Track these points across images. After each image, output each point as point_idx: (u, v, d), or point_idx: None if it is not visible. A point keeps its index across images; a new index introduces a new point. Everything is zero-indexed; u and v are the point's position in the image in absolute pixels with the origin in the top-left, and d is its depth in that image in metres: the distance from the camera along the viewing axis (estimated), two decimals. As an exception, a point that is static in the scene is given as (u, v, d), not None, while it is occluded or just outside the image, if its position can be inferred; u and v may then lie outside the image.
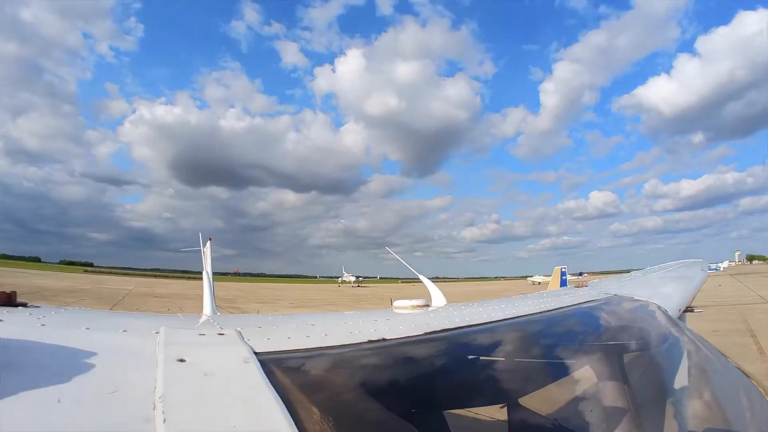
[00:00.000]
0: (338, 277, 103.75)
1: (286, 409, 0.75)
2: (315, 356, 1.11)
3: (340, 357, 1.16)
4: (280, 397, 0.79)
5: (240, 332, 1.11)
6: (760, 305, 20.74)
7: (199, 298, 9.25)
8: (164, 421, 0.65)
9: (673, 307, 2.89)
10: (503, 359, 1.63)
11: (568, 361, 1.89)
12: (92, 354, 0.83)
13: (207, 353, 0.95)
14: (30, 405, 0.63)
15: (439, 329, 1.47)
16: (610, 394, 1.76)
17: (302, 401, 0.90)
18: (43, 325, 0.97)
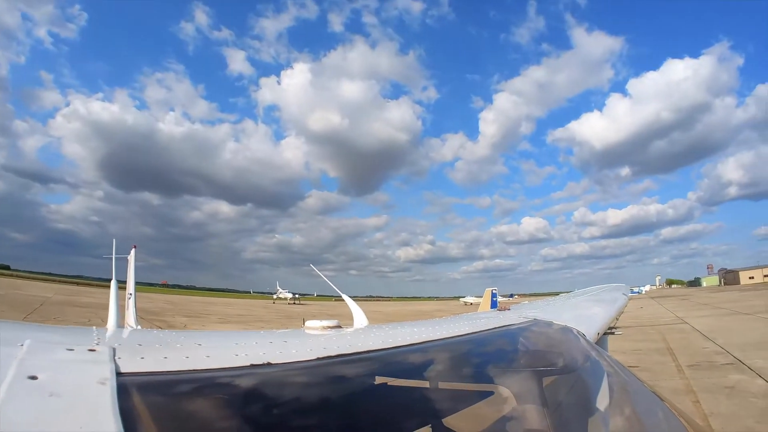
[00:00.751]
0: (273, 293, 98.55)
1: None
2: (184, 381, 1.00)
3: (214, 382, 1.05)
4: (127, 424, 0.74)
5: (114, 349, 1.01)
6: (678, 325, 22.23)
7: (122, 309, 8.79)
8: None
9: (593, 330, 2.98)
10: (407, 385, 1.51)
11: (483, 385, 1.82)
12: None
13: (64, 372, 0.86)
14: None
15: (334, 354, 1.36)
16: (530, 417, 1.73)
17: (152, 430, 0.83)
18: None
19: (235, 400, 1.06)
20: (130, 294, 9.94)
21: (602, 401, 1.78)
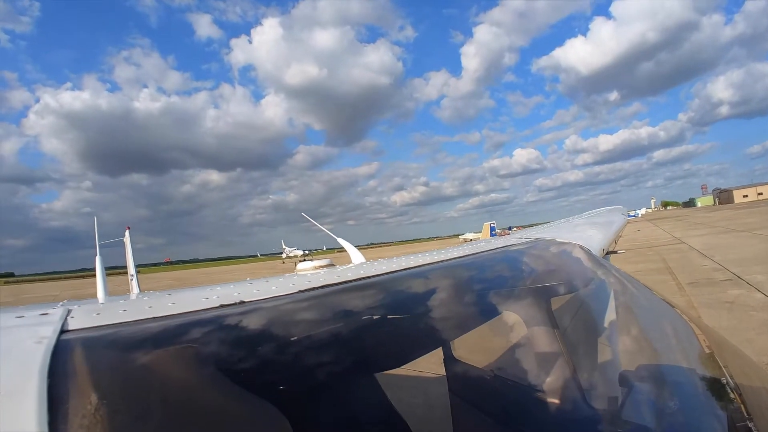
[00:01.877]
0: (280, 253, 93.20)
1: (46, 404, 0.60)
2: (140, 330, 0.89)
3: (175, 327, 0.94)
4: (58, 382, 0.65)
5: (69, 310, 0.91)
6: (676, 245, 22.52)
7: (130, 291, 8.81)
8: None
9: (597, 247, 2.93)
10: (404, 313, 1.38)
11: (493, 305, 1.73)
12: None
13: (4, 335, 0.78)
14: None
15: (319, 285, 1.24)
16: (542, 336, 1.71)
17: (95, 387, 0.72)
18: None
19: (202, 342, 0.94)
20: (132, 275, 9.86)
21: (617, 317, 1.71)
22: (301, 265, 1.84)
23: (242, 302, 1.07)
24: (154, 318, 0.93)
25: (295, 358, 0.99)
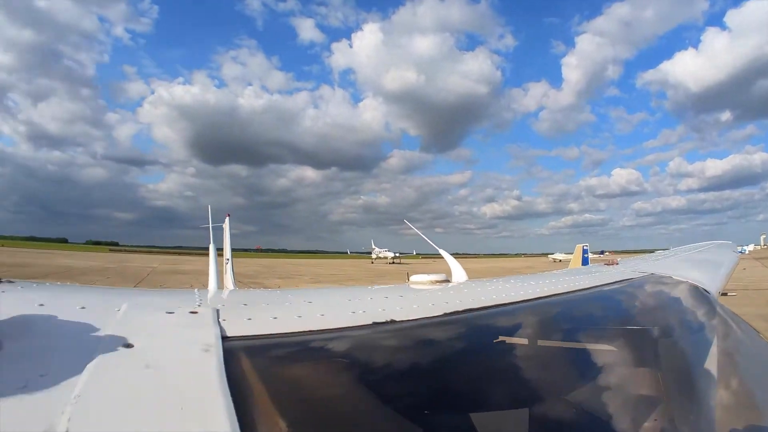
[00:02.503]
0: (370, 253, 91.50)
1: (236, 421, 0.55)
2: (303, 342, 0.90)
3: (335, 343, 0.94)
4: (239, 399, 0.60)
5: (217, 311, 0.90)
6: (789, 290, 20.08)
7: (220, 274, 9.42)
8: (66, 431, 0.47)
9: (711, 288, 2.63)
10: (535, 343, 1.39)
11: (608, 346, 1.66)
12: (27, 335, 0.69)
13: (162, 338, 0.76)
14: None
15: (461, 309, 1.25)
16: (649, 380, 1.56)
17: (273, 402, 0.69)
18: None
19: (362, 359, 0.95)
20: (228, 259, 10.51)
21: (735, 366, 1.61)
22: (414, 277, 1.81)
23: (393, 321, 1.07)
24: (309, 332, 0.93)
25: (448, 384, 0.99)
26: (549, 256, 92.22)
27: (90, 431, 0.46)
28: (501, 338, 1.31)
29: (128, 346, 0.67)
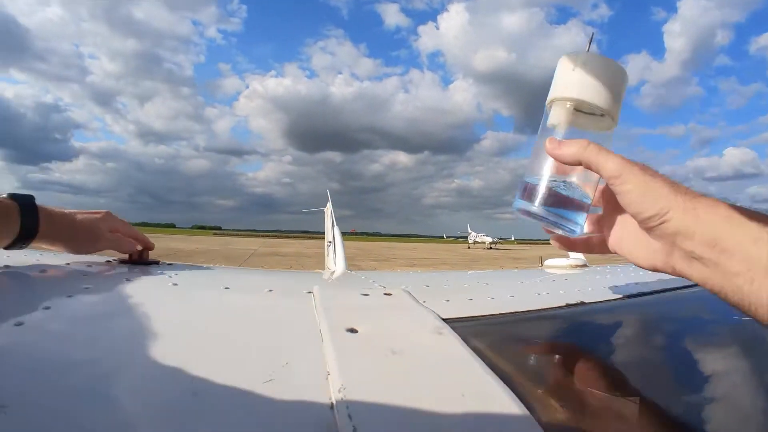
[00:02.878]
0: (466, 237, 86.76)
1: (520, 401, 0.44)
2: (514, 322, 0.84)
3: (541, 323, 0.89)
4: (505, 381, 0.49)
5: (409, 292, 0.83)
6: None
7: (320, 256, 9.02)
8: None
9: None
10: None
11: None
12: (238, 316, 0.68)
13: (383, 322, 0.65)
14: (177, 371, 0.45)
15: (648, 291, 1.15)
16: None
17: (518, 379, 0.57)
18: (175, 284, 0.79)
19: (571, 340, 0.88)
20: (330, 242, 10.32)
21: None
22: (550, 261, 1.76)
23: (582, 303, 1.01)
24: (514, 313, 0.86)
25: (638, 357, 0.83)
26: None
27: (367, 421, 0.40)
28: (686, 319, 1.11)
29: (351, 330, 0.59)
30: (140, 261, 0.99)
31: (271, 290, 0.84)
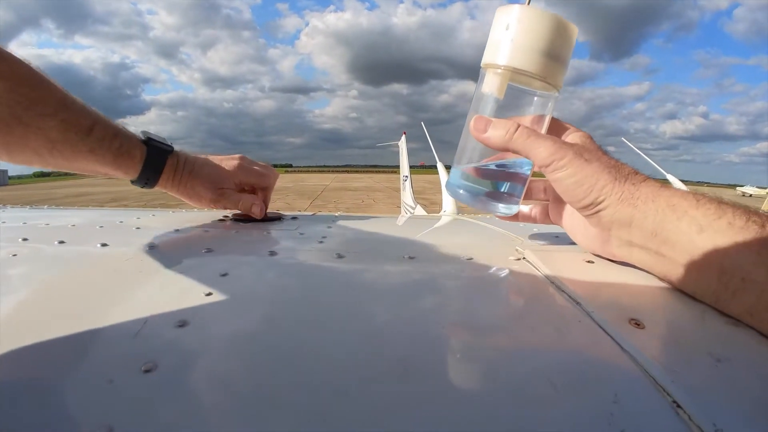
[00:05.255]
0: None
1: None
2: None
3: None
4: None
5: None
6: None
7: (389, 190, 9.13)
8: None
9: None
10: None
11: None
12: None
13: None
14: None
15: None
16: None
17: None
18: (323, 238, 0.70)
19: None
20: (405, 176, 10.54)
21: None
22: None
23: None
24: None
25: None
26: (737, 188, 75.87)
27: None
28: None
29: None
30: (264, 218, 0.89)
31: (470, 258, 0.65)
